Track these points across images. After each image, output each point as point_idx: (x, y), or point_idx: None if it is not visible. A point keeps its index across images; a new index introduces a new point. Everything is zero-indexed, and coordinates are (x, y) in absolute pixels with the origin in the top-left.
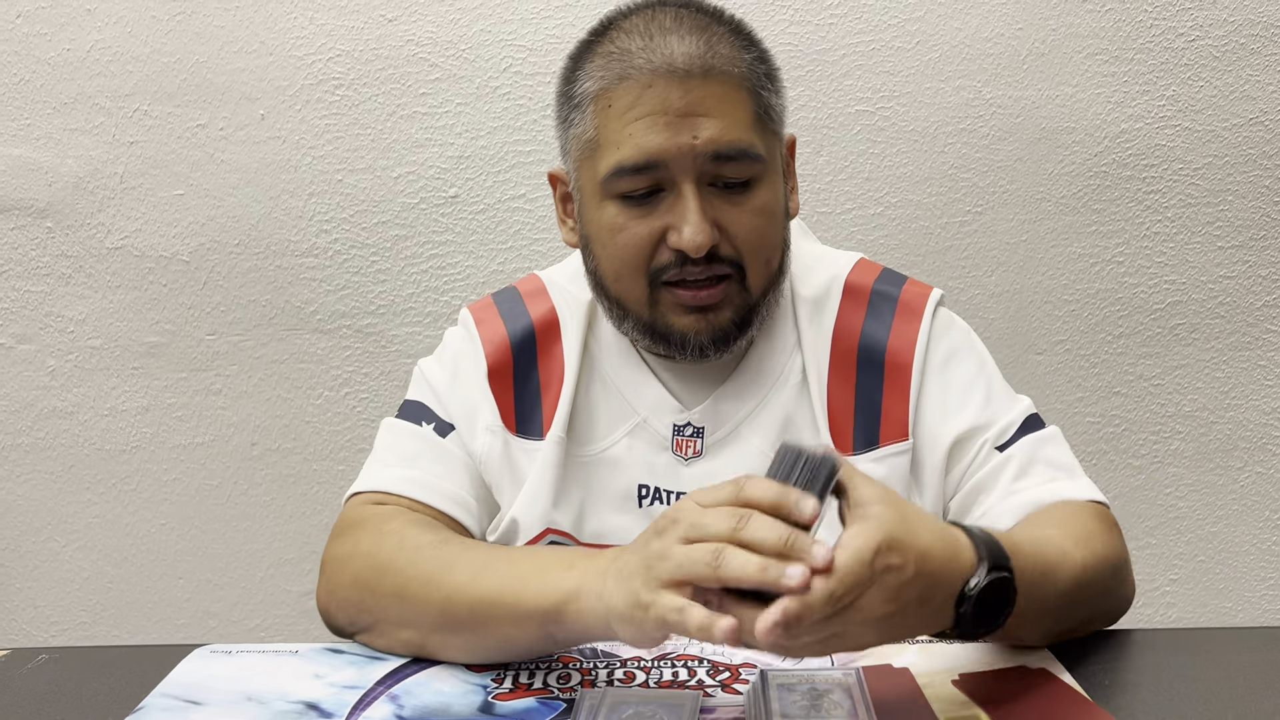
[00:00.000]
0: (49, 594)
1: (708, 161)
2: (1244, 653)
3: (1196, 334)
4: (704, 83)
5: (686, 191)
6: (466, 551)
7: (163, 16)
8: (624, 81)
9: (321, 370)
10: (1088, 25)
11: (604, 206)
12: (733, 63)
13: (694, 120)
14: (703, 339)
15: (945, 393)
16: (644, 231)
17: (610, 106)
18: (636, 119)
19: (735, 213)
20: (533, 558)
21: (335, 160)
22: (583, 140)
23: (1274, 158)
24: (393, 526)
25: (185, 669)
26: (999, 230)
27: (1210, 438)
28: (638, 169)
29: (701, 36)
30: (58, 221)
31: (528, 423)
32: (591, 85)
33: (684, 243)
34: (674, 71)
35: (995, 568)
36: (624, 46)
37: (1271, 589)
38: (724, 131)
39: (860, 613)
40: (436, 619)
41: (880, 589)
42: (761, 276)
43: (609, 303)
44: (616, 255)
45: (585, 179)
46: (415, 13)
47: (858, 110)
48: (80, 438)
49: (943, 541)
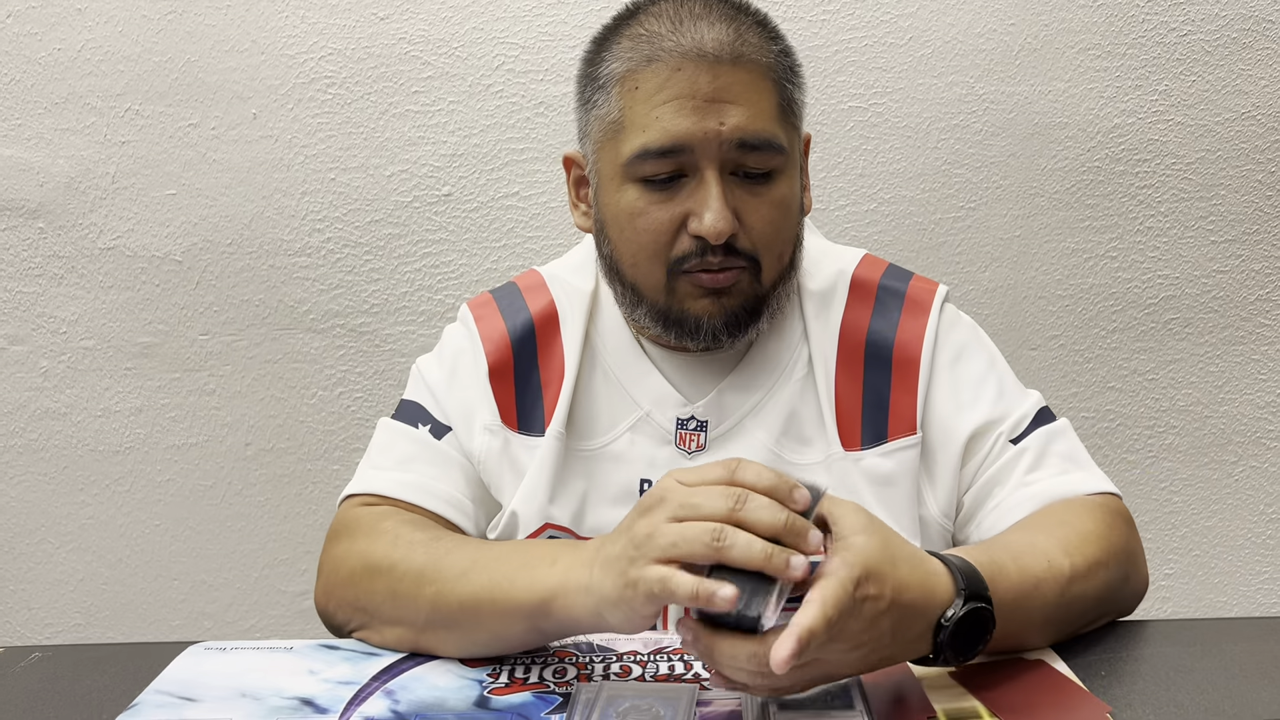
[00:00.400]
0: (43, 596)
1: (732, 149)
2: (1240, 643)
3: (1190, 328)
4: (733, 69)
5: (710, 178)
6: (456, 549)
7: (153, 16)
8: (652, 64)
9: (315, 370)
10: (1080, 20)
11: (625, 190)
12: (761, 52)
13: (721, 106)
14: (716, 322)
15: (958, 388)
16: (664, 216)
17: (637, 88)
18: (664, 102)
19: (754, 203)
20: (519, 554)
21: (328, 159)
22: (606, 121)
23: (1266, 152)
24: (387, 525)
25: (179, 666)
26: (993, 226)
27: (1205, 432)
28: (663, 152)
29: (731, 24)
30: (49, 222)
31: (529, 419)
32: (618, 66)
33: (705, 229)
34: (704, 56)
35: (972, 597)
36: (653, 30)
37: (1267, 582)
38: (750, 120)
39: (838, 641)
40: (428, 616)
41: (857, 619)
42: (774, 270)
43: (623, 288)
44: (635, 239)
45: (606, 161)
46: (407, 10)
47: (851, 107)
48: (74, 439)
49: (921, 572)
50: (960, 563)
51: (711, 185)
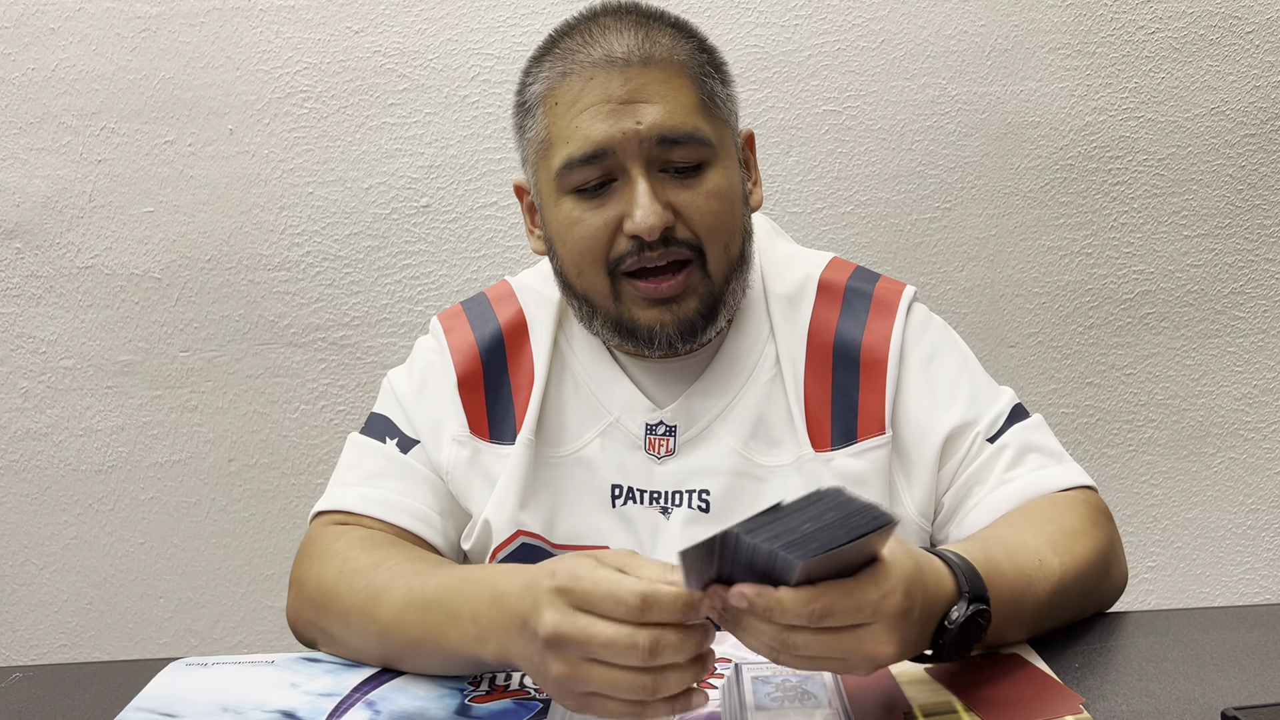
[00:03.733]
0: (27, 617)
1: (654, 146)
2: (1211, 631)
3: (1166, 323)
4: (644, 70)
5: (636, 176)
6: (392, 584)
7: (127, 34)
8: (567, 78)
9: (297, 384)
10: (1049, 20)
11: (560, 203)
12: (672, 51)
13: (636, 106)
14: (669, 331)
15: (933, 389)
16: (599, 222)
17: (557, 104)
18: (581, 111)
19: (688, 195)
20: (446, 601)
21: (305, 173)
22: (536, 142)
23: (1236, 146)
24: (337, 548)
25: (161, 682)
26: (968, 225)
27: (1183, 425)
28: (586, 159)
29: (640, 29)
30: (26, 242)
31: (501, 427)
32: (539, 87)
33: (637, 226)
34: (613, 62)
35: (975, 599)
36: (566, 47)
37: (1248, 572)
38: (667, 116)
39: (862, 642)
40: (376, 645)
41: (883, 624)
42: (722, 261)
43: (577, 301)
44: (575, 249)
45: (542, 180)
46: (381, 24)
47: (825, 110)
48: (55, 459)
49: (934, 577)
50: (960, 562)
51: (639, 183)
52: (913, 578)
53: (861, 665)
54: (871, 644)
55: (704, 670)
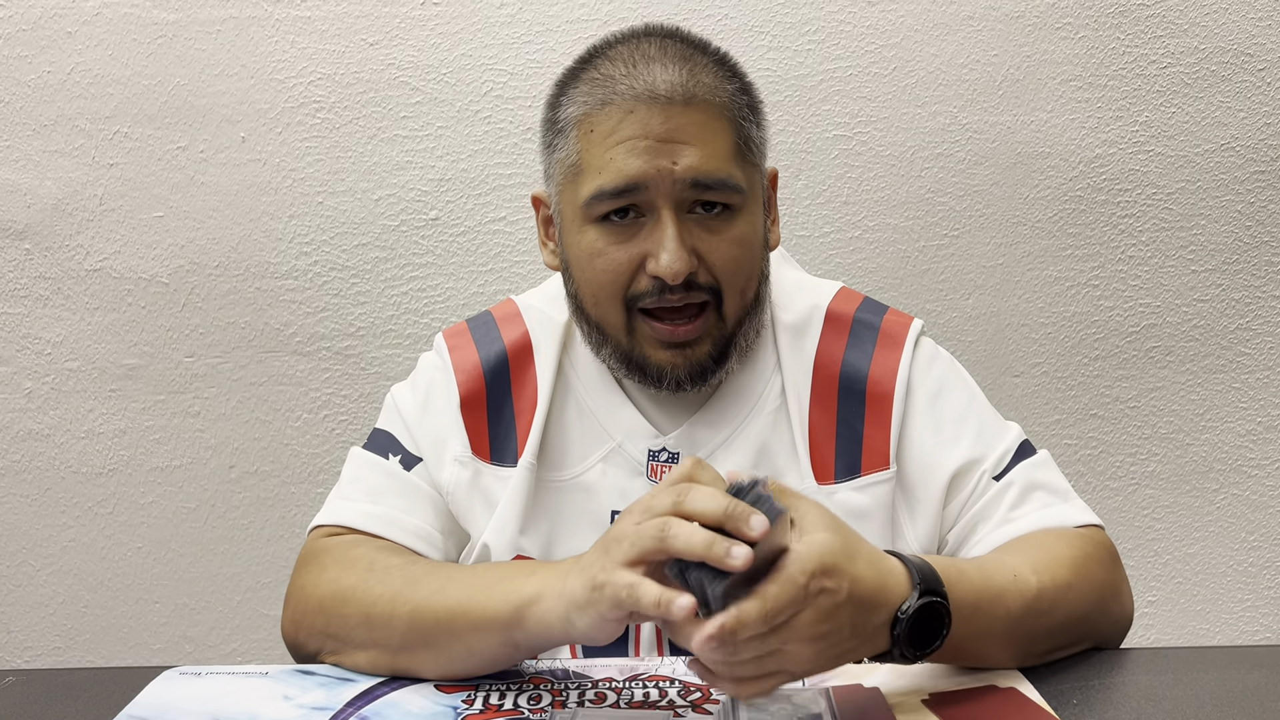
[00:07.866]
0: (23, 619)
1: (687, 189)
2: (1211, 671)
3: (1172, 356)
4: (685, 110)
5: (665, 218)
6: (433, 569)
7: (144, 40)
8: (606, 107)
9: (300, 393)
10: (1062, 52)
11: (584, 231)
12: (715, 92)
13: (674, 147)
14: (680, 374)
15: (939, 425)
16: (623, 257)
17: (592, 131)
18: (617, 143)
19: (713, 241)
20: (497, 568)
21: (316, 183)
22: (565, 165)
23: (1245, 182)
24: (360, 552)
25: (153, 691)
26: (976, 254)
27: (1186, 460)
28: (617, 193)
29: (685, 65)
30: (36, 243)
31: (502, 449)
32: (575, 110)
33: (661, 269)
34: (656, 98)
35: (927, 593)
36: (608, 73)
37: (1249, 610)
38: (704, 160)
39: (795, 632)
40: (403, 635)
41: (814, 611)
42: (737, 306)
43: (588, 326)
44: (595, 280)
45: (567, 203)
46: (396, 37)
47: (835, 135)
48: (56, 460)
49: (877, 569)
50: (918, 561)
51: (667, 225)
52: (836, 552)
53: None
54: (809, 629)
55: (709, 543)
